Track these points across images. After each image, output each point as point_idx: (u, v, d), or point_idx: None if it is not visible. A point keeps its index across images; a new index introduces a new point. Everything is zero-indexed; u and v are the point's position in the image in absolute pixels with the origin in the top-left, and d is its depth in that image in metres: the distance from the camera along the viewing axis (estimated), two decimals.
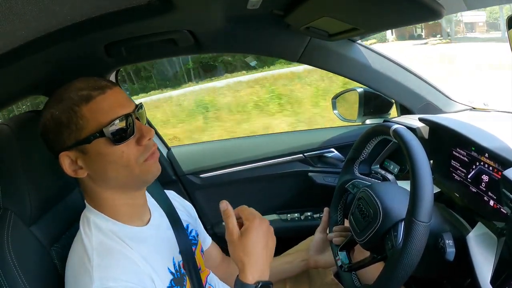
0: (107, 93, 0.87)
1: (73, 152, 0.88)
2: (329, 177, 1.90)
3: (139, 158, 0.90)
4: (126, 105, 0.90)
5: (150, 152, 0.92)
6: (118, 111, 0.87)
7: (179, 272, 1.01)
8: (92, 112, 0.85)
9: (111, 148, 0.87)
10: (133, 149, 0.89)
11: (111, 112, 0.86)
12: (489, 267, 0.93)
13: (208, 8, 1.12)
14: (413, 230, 0.88)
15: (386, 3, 0.91)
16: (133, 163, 0.89)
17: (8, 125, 0.95)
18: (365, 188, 1.13)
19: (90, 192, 0.94)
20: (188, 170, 1.93)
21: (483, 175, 1.07)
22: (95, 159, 0.88)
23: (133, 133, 0.89)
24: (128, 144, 0.88)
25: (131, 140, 0.89)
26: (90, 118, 0.85)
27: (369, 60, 1.57)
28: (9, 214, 0.93)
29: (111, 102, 0.87)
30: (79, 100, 0.85)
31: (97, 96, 0.86)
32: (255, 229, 0.91)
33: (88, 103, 0.85)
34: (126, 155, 0.88)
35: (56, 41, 1.01)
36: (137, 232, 0.96)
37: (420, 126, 1.39)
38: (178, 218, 1.12)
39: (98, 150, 0.87)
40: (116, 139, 0.86)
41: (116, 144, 0.86)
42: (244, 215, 0.94)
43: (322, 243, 1.37)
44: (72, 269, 0.89)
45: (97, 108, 0.86)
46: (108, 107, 0.87)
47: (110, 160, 0.88)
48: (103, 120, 0.85)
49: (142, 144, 0.90)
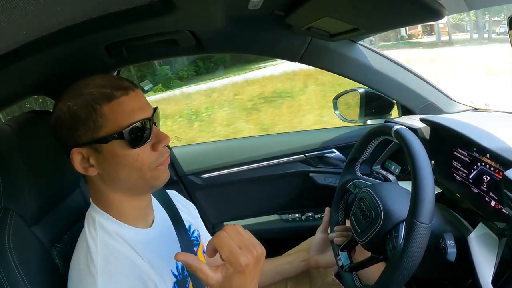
0: (130, 94, 0.87)
1: (86, 149, 0.87)
2: (330, 178, 1.90)
3: (152, 163, 0.89)
4: (146, 108, 0.90)
5: (163, 158, 0.91)
6: (139, 114, 0.87)
7: (182, 275, 1.00)
8: (113, 112, 0.84)
9: (127, 151, 0.86)
10: (148, 153, 0.89)
11: (132, 114, 0.86)
12: (491, 267, 0.93)
13: (209, 9, 1.12)
14: (414, 231, 0.87)
15: (387, 3, 0.91)
16: (146, 167, 0.88)
17: (9, 125, 0.95)
18: (366, 188, 1.13)
19: (97, 191, 0.93)
20: (189, 170, 1.93)
21: (484, 176, 1.07)
22: (108, 159, 0.87)
23: (149, 138, 0.88)
24: (143, 148, 0.88)
25: (147, 144, 0.88)
26: (110, 118, 0.84)
27: (370, 61, 1.57)
28: (11, 214, 0.93)
29: (133, 105, 0.87)
30: (101, 98, 0.84)
31: (120, 97, 0.85)
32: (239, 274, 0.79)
33: (110, 102, 0.84)
34: (141, 159, 0.87)
35: (57, 42, 1.01)
36: (142, 234, 0.96)
37: (422, 126, 1.39)
38: (180, 219, 1.11)
39: (113, 151, 0.86)
40: (134, 142, 0.86)
41: (133, 148, 0.86)
42: (224, 254, 0.79)
43: (323, 243, 1.37)
44: (76, 269, 0.88)
45: (118, 109, 0.85)
46: (130, 109, 0.86)
47: (124, 162, 0.87)
48: (123, 122, 0.85)
49: (157, 150, 0.90)
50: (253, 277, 0.80)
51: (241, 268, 0.77)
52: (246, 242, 0.80)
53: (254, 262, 0.79)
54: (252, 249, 0.79)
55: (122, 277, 0.83)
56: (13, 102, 1.29)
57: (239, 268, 0.77)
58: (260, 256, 0.80)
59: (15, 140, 0.94)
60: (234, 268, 0.77)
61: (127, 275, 0.84)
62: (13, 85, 1.17)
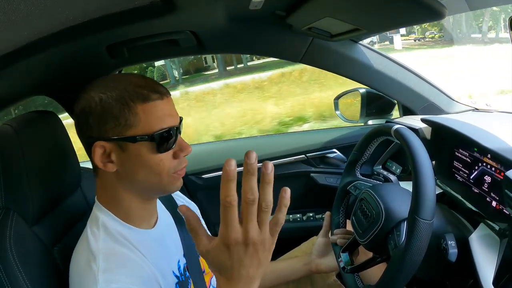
0: (164, 100, 0.88)
1: (110, 145, 0.86)
2: (331, 178, 1.90)
3: (171, 170, 0.91)
4: (175, 116, 0.91)
5: (181, 166, 0.94)
6: (169, 121, 0.88)
7: (184, 275, 1.00)
8: (146, 114, 0.85)
9: (152, 155, 0.87)
10: (169, 160, 0.90)
11: (164, 120, 0.87)
12: (492, 268, 0.93)
13: (210, 9, 1.12)
14: (416, 228, 0.88)
15: (389, 3, 0.91)
16: (165, 173, 0.90)
17: (11, 125, 0.95)
18: (367, 189, 1.13)
19: (108, 189, 0.93)
20: (190, 170, 1.93)
21: (485, 176, 1.07)
22: (131, 159, 0.87)
23: (173, 145, 0.90)
24: (167, 154, 0.89)
25: (170, 151, 0.90)
26: (142, 119, 0.85)
27: (371, 61, 1.56)
28: (12, 214, 0.93)
29: (166, 110, 0.88)
30: (136, 97, 0.84)
31: (156, 100, 0.86)
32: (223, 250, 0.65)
33: (145, 103, 0.85)
34: (162, 164, 0.88)
35: (59, 42, 1.02)
36: (145, 234, 0.96)
37: (423, 126, 1.39)
38: (182, 220, 1.11)
39: (139, 152, 0.86)
40: (160, 147, 0.87)
41: (158, 152, 0.87)
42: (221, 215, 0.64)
43: (324, 247, 1.37)
44: (77, 268, 0.88)
45: (152, 111, 0.86)
46: (163, 114, 0.87)
47: (146, 164, 0.88)
48: (154, 125, 0.86)
49: (178, 158, 0.92)
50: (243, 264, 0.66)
51: (226, 241, 0.64)
52: (251, 217, 0.64)
53: (245, 245, 0.64)
54: (252, 230, 0.64)
55: (123, 275, 0.83)
56: (13, 102, 1.29)
57: (224, 240, 0.64)
58: (256, 244, 0.65)
59: (17, 140, 0.94)
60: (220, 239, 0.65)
61: (128, 274, 0.84)
62: (14, 85, 1.17)
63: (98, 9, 0.94)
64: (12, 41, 0.91)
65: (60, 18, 0.90)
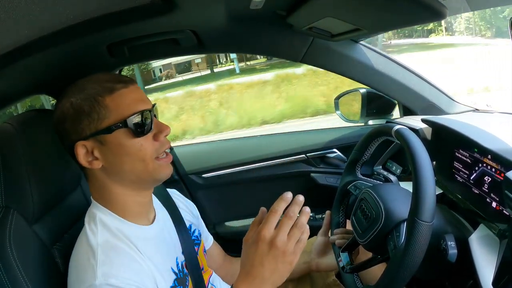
0: (130, 87, 0.91)
1: (90, 142, 0.89)
2: (332, 178, 1.89)
3: (154, 153, 0.92)
4: (146, 101, 0.94)
5: (164, 148, 0.94)
6: (140, 105, 0.91)
7: (182, 272, 1.01)
8: (116, 103, 0.88)
9: (131, 140, 0.89)
10: (150, 143, 0.92)
11: (134, 105, 0.90)
12: (491, 269, 0.93)
13: (211, 8, 1.12)
14: (416, 229, 0.87)
15: (389, 3, 0.91)
16: (149, 157, 0.91)
17: (11, 123, 0.96)
18: (367, 189, 1.12)
19: (100, 186, 0.94)
20: (191, 169, 1.93)
21: (485, 177, 1.07)
22: (113, 150, 0.89)
23: (151, 128, 0.92)
24: (146, 138, 0.91)
25: (149, 134, 0.92)
26: (113, 109, 0.88)
27: (372, 61, 1.56)
28: (12, 213, 0.93)
29: (133, 96, 0.91)
30: (103, 91, 0.88)
31: (121, 89, 0.90)
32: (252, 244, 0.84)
33: (112, 94, 0.89)
34: (144, 148, 0.91)
35: (59, 41, 1.02)
36: (143, 231, 0.96)
37: (423, 127, 1.39)
38: (181, 218, 1.12)
39: (118, 141, 0.89)
40: (137, 131, 0.89)
41: (136, 137, 0.89)
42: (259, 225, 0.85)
43: (324, 246, 1.37)
44: (76, 264, 0.89)
45: (120, 100, 0.89)
46: (131, 100, 0.90)
47: (128, 152, 0.90)
48: (126, 112, 0.89)
49: (159, 140, 0.93)
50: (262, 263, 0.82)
51: (257, 236, 0.83)
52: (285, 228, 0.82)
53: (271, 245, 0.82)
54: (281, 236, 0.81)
55: (121, 270, 0.84)
56: (14, 101, 1.29)
57: (257, 235, 0.83)
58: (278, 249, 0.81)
59: (17, 138, 0.94)
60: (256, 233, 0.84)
61: (126, 269, 0.85)
62: (14, 84, 1.17)
63: (99, 8, 0.95)
64: (13, 40, 0.91)
65: (60, 17, 0.90)
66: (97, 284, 0.80)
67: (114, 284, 0.80)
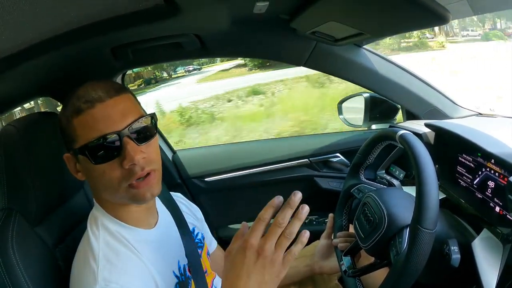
0: (96, 107, 0.83)
1: (72, 157, 0.90)
2: (335, 182, 1.89)
3: (122, 182, 0.85)
4: (117, 121, 0.84)
5: (135, 176, 0.85)
6: (103, 128, 0.83)
7: (184, 276, 1.01)
8: (81, 126, 0.84)
9: (93, 167, 0.85)
10: (117, 170, 0.85)
11: (94, 129, 0.83)
12: (494, 273, 0.92)
13: (214, 12, 1.13)
14: (418, 237, 0.87)
15: (392, 8, 0.91)
16: (116, 185, 0.86)
17: (14, 126, 0.96)
18: (371, 193, 1.12)
19: (96, 192, 0.95)
20: (193, 173, 1.93)
21: (489, 181, 1.06)
22: (85, 171, 0.90)
23: (119, 154, 0.84)
24: (110, 165, 0.84)
25: (115, 160, 0.84)
26: (78, 132, 0.85)
27: (375, 65, 1.56)
28: (14, 214, 0.94)
29: (98, 117, 0.83)
30: (72, 111, 0.85)
31: (86, 110, 0.83)
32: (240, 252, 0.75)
33: (78, 115, 0.84)
34: (108, 175, 0.85)
35: (63, 43, 1.02)
36: (144, 234, 0.96)
37: (426, 131, 1.39)
38: (184, 221, 1.11)
39: (85, 165, 0.88)
40: (96, 158, 0.83)
41: (95, 164, 0.84)
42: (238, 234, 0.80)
43: (327, 249, 1.37)
44: (77, 267, 0.89)
45: (84, 123, 0.84)
46: (94, 122, 0.83)
47: (93, 176, 0.88)
48: (87, 136, 0.83)
49: (127, 168, 0.84)
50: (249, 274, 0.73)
51: (243, 244, 0.74)
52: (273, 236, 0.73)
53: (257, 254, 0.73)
54: (269, 244, 0.73)
55: (122, 275, 0.84)
56: (18, 103, 1.30)
57: (242, 243, 0.74)
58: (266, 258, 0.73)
59: (20, 141, 0.95)
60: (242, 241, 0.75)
61: (127, 273, 0.84)
62: (19, 87, 1.18)
63: (103, 11, 0.95)
64: (17, 42, 0.92)
65: (65, 20, 0.90)
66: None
67: None
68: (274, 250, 0.73)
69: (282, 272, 0.75)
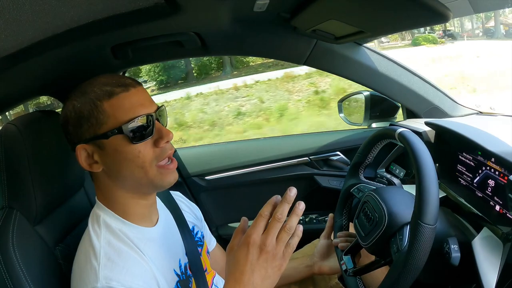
0: (131, 91, 0.88)
1: (90, 146, 0.89)
2: (335, 180, 1.89)
3: (154, 160, 0.90)
4: (148, 105, 0.91)
5: (166, 154, 0.91)
6: (139, 110, 0.88)
7: (185, 274, 1.01)
8: (113, 108, 0.87)
9: (128, 147, 0.87)
10: (150, 150, 0.89)
11: (132, 110, 0.87)
12: (494, 272, 0.93)
13: (215, 10, 1.13)
14: (419, 232, 0.87)
15: (393, 6, 0.91)
16: (148, 164, 0.89)
17: (15, 124, 0.96)
18: (371, 192, 1.12)
19: (103, 188, 0.95)
20: (194, 172, 1.94)
21: (489, 180, 1.06)
22: (111, 155, 0.89)
23: (152, 133, 0.89)
24: (145, 144, 0.88)
25: (149, 140, 0.89)
26: (110, 114, 0.86)
27: (375, 64, 1.56)
28: (15, 213, 0.94)
29: (133, 101, 0.88)
30: (102, 95, 0.87)
31: (120, 93, 0.87)
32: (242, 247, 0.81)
33: (110, 98, 0.87)
34: (142, 155, 0.88)
35: (63, 43, 1.02)
36: (146, 232, 0.96)
37: (427, 130, 1.39)
38: (184, 220, 1.12)
39: (115, 147, 0.87)
40: (134, 137, 0.87)
41: (134, 143, 0.87)
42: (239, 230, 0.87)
43: (326, 249, 1.37)
44: (78, 265, 0.89)
45: (118, 105, 0.87)
46: (130, 105, 0.87)
47: (126, 158, 0.88)
48: (123, 117, 0.86)
49: (160, 146, 0.90)
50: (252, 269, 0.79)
51: (245, 241, 0.80)
52: (273, 231, 0.80)
53: (259, 250, 0.79)
54: (270, 239, 0.79)
55: (123, 273, 0.84)
56: (18, 102, 1.29)
57: (245, 239, 0.81)
58: (268, 253, 0.79)
59: (21, 139, 0.95)
60: (244, 237, 0.81)
61: (128, 272, 0.85)
62: (19, 85, 1.17)
63: (103, 10, 0.95)
64: (17, 41, 0.92)
65: (65, 19, 0.90)
66: (99, 287, 0.80)
67: (115, 287, 0.81)
68: (275, 244, 0.80)
69: (283, 265, 0.81)
